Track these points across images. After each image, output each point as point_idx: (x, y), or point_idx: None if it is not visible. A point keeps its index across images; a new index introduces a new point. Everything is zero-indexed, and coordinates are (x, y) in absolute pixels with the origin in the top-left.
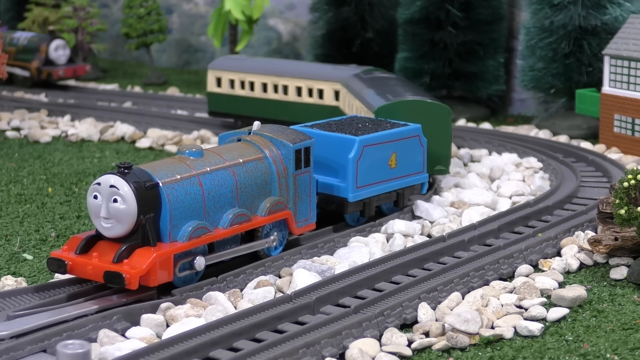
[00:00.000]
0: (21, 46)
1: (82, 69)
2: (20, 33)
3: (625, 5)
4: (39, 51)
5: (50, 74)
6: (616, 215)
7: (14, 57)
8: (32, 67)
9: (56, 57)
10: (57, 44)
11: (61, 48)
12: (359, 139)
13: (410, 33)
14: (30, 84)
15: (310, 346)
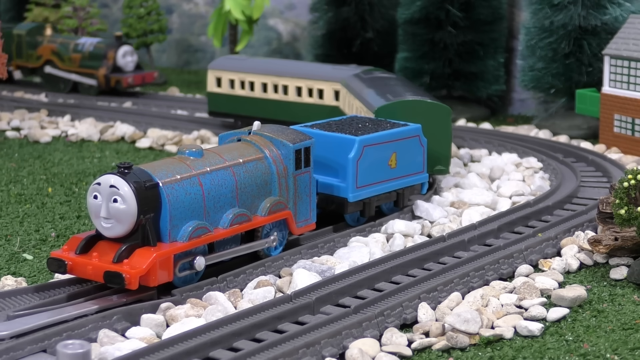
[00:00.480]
0: (87, 52)
1: (151, 76)
2: (85, 39)
3: (625, 5)
4: (107, 58)
5: (119, 82)
6: (616, 215)
7: (79, 64)
8: (100, 75)
9: (124, 63)
10: (125, 50)
11: (129, 54)
12: (359, 139)
13: (410, 33)
14: (96, 92)
15: (310, 346)
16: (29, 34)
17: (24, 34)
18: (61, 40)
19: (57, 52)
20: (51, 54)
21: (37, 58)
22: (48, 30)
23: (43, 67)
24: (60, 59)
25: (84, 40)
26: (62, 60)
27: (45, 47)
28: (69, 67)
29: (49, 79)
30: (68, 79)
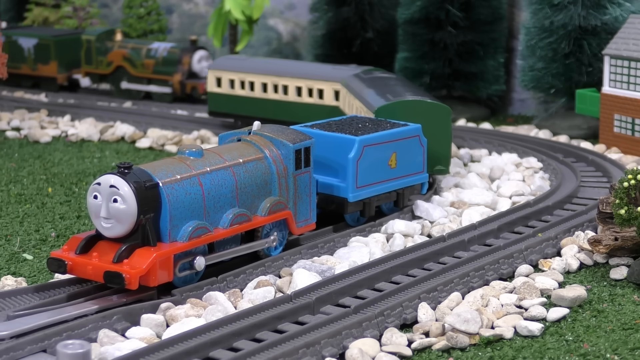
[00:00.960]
0: (160, 58)
1: None
2: (158, 44)
3: (625, 5)
4: (181, 63)
5: (195, 88)
6: (616, 215)
7: (152, 71)
8: (175, 81)
9: (200, 69)
10: (200, 55)
11: (204, 59)
12: (359, 139)
13: (410, 33)
14: (171, 99)
15: (310, 346)
16: (98, 40)
17: (94, 40)
18: (132, 45)
19: (129, 58)
20: (122, 60)
21: (107, 64)
22: (118, 35)
23: (114, 73)
24: (132, 65)
25: (157, 45)
26: (134, 67)
27: (116, 53)
28: (141, 73)
29: (121, 88)
30: (142, 90)
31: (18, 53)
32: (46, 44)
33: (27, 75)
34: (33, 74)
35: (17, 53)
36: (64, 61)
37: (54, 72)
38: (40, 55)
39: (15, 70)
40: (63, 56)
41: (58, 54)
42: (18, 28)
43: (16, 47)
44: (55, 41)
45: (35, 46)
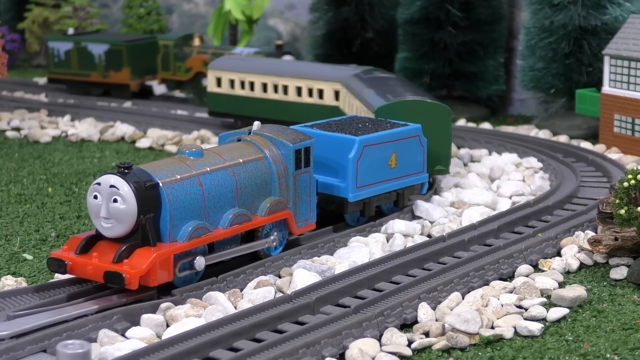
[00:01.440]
0: None
1: None
2: (241, 49)
3: (625, 5)
4: None
5: None
6: (616, 215)
7: None
8: None
9: None
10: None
11: None
12: (359, 139)
13: (410, 33)
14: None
15: (310, 346)
16: (176, 45)
17: (172, 45)
18: (213, 50)
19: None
20: (203, 65)
21: (186, 71)
22: (196, 40)
23: (193, 80)
24: None
25: (239, 50)
26: None
27: (195, 59)
28: None
29: (201, 93)
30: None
31: (88, 60)
32: (118, 49)
33: (97, 83)
34: (104, 81)
35: (87, 60)
36: (137, 67)
37: (126, 79)
38: (112, 62)
39: (84, 78)
40: (136, 62)
41: (131, 60)
42: (87, 34)
43: (85, 53)
44: (128, 47)
45: (106, 52)
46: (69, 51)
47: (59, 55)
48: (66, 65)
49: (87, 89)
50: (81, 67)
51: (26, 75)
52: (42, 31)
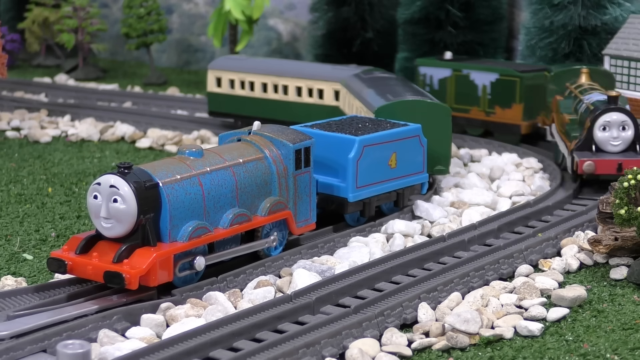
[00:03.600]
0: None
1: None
2: (595, 95)
3: (625, 5)
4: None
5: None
6: (616, 215)
7: (565, 130)
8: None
9: (604, 139)
10: (605, 121)
11: (618, 127)
12: (359, 139)
13: (410, 33)
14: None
15: (310, 346)
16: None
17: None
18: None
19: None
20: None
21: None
22: (584, 76)
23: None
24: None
25: (589, 97)
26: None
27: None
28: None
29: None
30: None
31: (469, 92)
32: (510, 80)
33: (477, 121)
34: (486, 119)
35: (468, 92)
36: (529, 104)
37: (516, 118)
38: (500, 96)
39: (461, 114)
40: (529, 98)
41: (524, 94)
42: (469, 60)
43: (466, 83)
44: (522, 78)
45: (493, 83)
46: (445, 79)
47: (432, 84)
48: (440, 96)
49: (463, 127)
50: (459, 101)
51: (26, 75)
52: (42, 31)
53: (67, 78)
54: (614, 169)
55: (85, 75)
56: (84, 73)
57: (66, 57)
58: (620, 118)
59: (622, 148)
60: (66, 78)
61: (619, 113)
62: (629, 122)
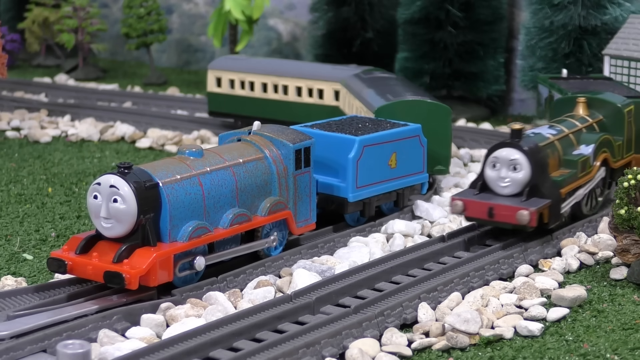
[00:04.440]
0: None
1: None
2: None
3: (625, 5)
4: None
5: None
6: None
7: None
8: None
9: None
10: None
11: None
12: (359, 139)
13: (410, 33)
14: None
15: (310, 346)
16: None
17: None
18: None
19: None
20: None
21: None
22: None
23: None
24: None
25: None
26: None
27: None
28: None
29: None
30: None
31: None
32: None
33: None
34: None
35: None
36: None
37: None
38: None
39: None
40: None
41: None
42: (607, 82)
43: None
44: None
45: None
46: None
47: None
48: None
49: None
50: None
51: (26, 75)
52: (42, 31)
53: (67, 78)
54: (485, 214)
55: (85, 75)
56: (84, 73)
57: (66, 57)
58: (510, 156)
59: (512, 191)
60: (66, 78)
61: (511, 150)
62: (522, 161)
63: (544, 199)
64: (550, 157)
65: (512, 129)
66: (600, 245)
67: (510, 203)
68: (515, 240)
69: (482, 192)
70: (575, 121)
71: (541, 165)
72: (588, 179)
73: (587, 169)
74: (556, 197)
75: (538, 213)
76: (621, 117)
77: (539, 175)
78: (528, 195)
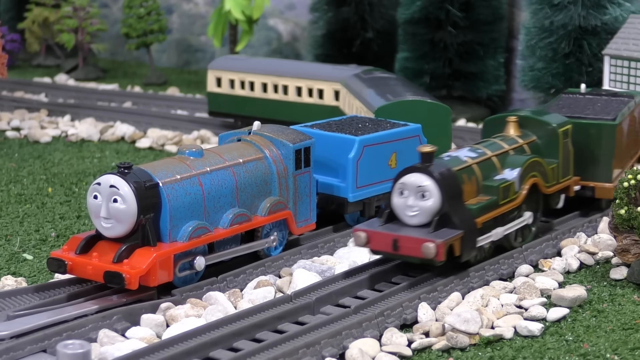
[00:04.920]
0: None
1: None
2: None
3: (625, 5)
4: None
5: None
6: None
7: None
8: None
9: None
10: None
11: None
12: (359, 139)
13: (410, 33)
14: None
15: (310, 346)
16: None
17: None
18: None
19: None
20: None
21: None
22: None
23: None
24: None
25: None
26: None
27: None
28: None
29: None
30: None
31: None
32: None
33: None
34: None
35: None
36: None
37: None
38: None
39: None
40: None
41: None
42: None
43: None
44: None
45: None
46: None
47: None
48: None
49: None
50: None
51: (26, 75)
52: (42, 31)
53: (67, 78)
54: (389, 247)
55: (85, 75)
56: (84, 73)
57: (66, 57)
58: (418, 182)
59: (420, 220)
60: (66, 78)
61: (419, 175)
62: (431, 188)
63: (455, 229)
64: (466, 183)
65: (421, 152)
66: (600, 245)
67: (416, 234)
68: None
69: (389, 222)
70: (503, 142)
71: (453, 192)
72: (512, 207)
73: (510, 195)
74: (470, 227)
75: (446, 245)
76: (556, 138)
77: (450, 203)
78: (437, 225)
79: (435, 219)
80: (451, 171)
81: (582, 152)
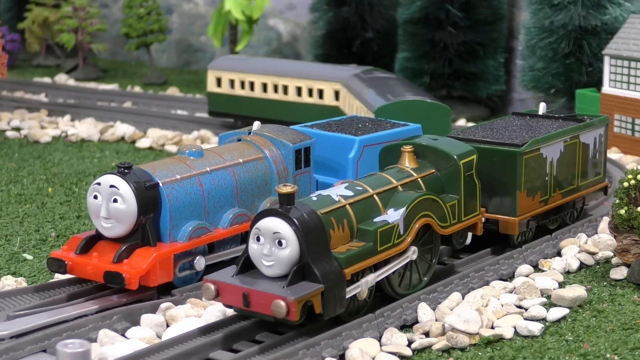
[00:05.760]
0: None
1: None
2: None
3: (625, 5)
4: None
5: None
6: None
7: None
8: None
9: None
10: None
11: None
12: (359, 139)
13: (410, 33)
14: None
15: (310, 347)
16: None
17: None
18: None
19: None
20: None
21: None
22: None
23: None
24: None
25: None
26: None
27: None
28: None
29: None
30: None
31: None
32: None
33: None
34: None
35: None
36: None
37: None
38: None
39: None
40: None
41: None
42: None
43: None
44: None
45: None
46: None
47: None
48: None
49: None
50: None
51: (26, 75)
52: (42, 31)
53: (67, 78)
54: (240, 302)
55: (85, 75)
56: (84, 73)
57: (66, 57)
58: (274, 228)
59: (276, 272)
60: (66, 78)
61: (275, 220)
62: (288, 235)
63: (316, 283)
64: (335, 228)
65: (280, 193)
66: (600, 245)
67: (268, 289)
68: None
69: (244, 271)
70: (391, 177)
71: (316, 239)
72: (396, 253)
73: (393, 240)
74: (335, 280)
75: (300, 303)
76: (457, 170)
77: (311, 252)
78: (293, 278)
79: (293, 269)
80: (315, 215)
81: (487, 180)
